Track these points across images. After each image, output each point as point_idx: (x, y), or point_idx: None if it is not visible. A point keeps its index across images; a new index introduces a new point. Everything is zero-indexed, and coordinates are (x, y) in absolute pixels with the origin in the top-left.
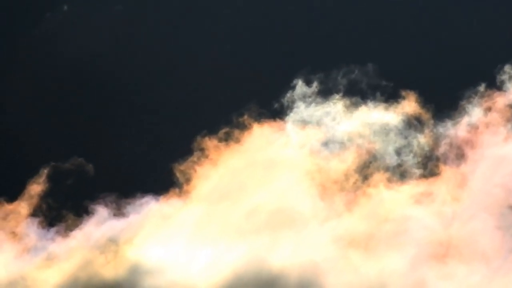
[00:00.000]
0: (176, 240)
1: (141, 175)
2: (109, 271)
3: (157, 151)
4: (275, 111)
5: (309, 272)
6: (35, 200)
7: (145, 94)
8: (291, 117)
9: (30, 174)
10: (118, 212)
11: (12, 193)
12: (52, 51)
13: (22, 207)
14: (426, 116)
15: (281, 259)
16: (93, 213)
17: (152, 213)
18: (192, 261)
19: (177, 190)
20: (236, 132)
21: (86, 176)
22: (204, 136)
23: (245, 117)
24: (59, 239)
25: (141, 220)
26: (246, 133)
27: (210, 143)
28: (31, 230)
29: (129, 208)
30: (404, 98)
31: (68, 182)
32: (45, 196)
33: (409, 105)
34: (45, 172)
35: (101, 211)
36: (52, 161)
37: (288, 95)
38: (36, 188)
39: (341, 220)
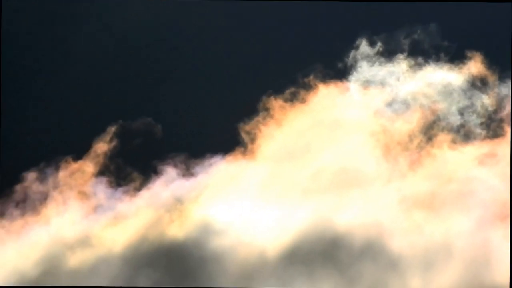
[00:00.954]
0: (241, 199)
1: (208, 135)
2: (176, 231)
3: (224, 111)
4: (339, 71)
5: (374, 232)
6: (101, 159)
7: (212, 55)
8: (355, 77)
9: (97, 132)
10: (187, 172)
11: (78, 152)
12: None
13: (89, 166)
14: (491, 77)
15: (345, 219)
16: (161, 173)
17: (218, 173)
18: (257, 220)
19: (242, 149)
20: (302, 92)
21: (154, 136)
22: (269, 96)
23: (311, 77)
24: (126, 199)
25: (208, 180)
26: (311, 93)
27: (276, 103)
28: (98, 189)
29: (197, 168)
30: (469, 58)
31: (136, 141)
32: (112, 155)
33: (474, 66)
34: (112, 130)
35: (169, 171)
36: (120, 119)
37: (352, 55)
38: (102, 147)
39: (406, 180)
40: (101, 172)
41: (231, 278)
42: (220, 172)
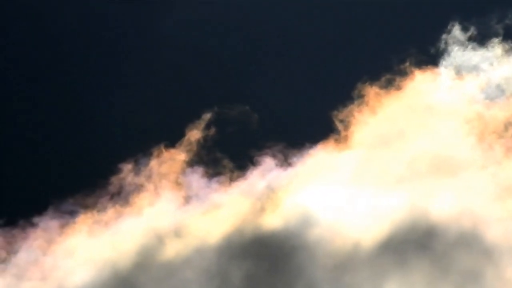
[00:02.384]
0: (335, 188)
1: (304, 123)
2: (272, 221)
3: (318, 98)
4: (432, 57)
5: (468, 221)
6: (195, 147)
7: (308, 44)
8: (449, 63)
9: (191, 119)
10: (284, 162)
11: (172, 139)
12: None
13: (183, 154)
14: None
15: (440, 207)
16: (257, 163)
17: (313, 162)
18: (351, 209)
19: (336, 137)
20: (397, 79)
21: (251, 125)
22: (364, 83)
23: (407, 63)
24: (221, 189)
25: (304, 169)
26: (407, 80)
27: (371, 90)
28: (192, 178)
29: (294, 158)
30: None
31: (232, 130)
32: (206, 144)
33: None
34: (208, 117)
35: (266, 161)
36: (216, 106)
37: (445, 40)
38: (196, 134)
39: (501, 168)
40: (195, 161)
41: (324, 269)
42: (315, 161)
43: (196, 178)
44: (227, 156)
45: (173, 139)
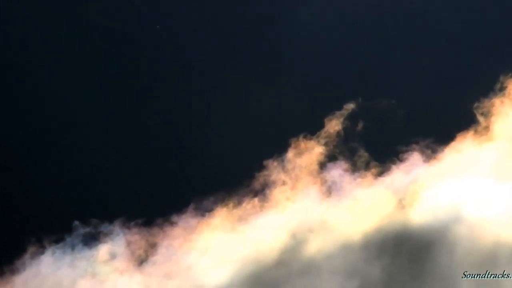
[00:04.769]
0: (477, 182)
1: (446, 117)
2: (414, 217)
3: (460, 91)
4: None
5: None
6: (335, 139)
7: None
8: None
9: (331, 110)
10: (428, 157)
11: (311, 130)
12: None
13: (322, 146)
14: None
15: None
16: (402, 158)
17: (455, 155)
18: (494, 204)
19: (477, 129)
20: None
21: (396, 119)
22: (507, 75)
23: None
24: (364, 184)
25: (447, 163)
26: None
27: None
28: (334, 172)
29: (438, 152)
30: None
31: (375, 123)
32: (347, 136)
33: None
34: (350, 108)
35: (411, 156)
36: (360, 98)
37: None
38: (336, 126)
39: None
40: (336, 154)
41: (464, 266)
42: (457, 154)
43: (338, 172)
44: (369, 150)
45: (312, 130)
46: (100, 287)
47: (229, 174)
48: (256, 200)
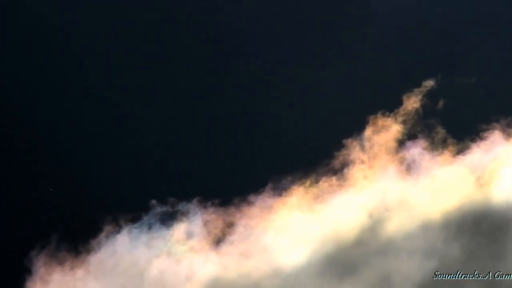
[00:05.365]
0: None
1: None
2: (493, 197)
3: None
4: None
5: None
6: (414, 117)
7: None
8: None
9: (409, 87)
10: (510, 136)
11: (389, 107)
12: None
13: (400, 124)
14: None
15: None
16: (483, 137)
17: None
18: None
19: None
20: None
21: (477, 97)
22: None
23: None
24: (443, 162)
25: None
26: None
27: None
28: (413, 151)
29: None
30: None
31: (455, 101)
32: (426, 114)
33: None
34: (429, 85)
35: (493, 135)
36: (439, 75)
37: None
38: (414, 103)
39: None
40: (414, 132)
41: None
42: None
43: (417, 151)
44: (448, 128)
45: (390, 108)
46: (176, 267)
47: (308, 153)
48: (333, 178)
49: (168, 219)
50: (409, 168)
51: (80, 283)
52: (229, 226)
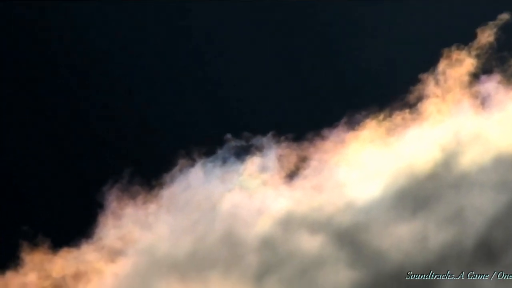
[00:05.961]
0: None
1: None
2: None
3: None
4: None
5: None
6: (488, 51)
7: None
8: None
9: (484, 20)
10: None
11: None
12: None
13: (473, 57)
14: None
15: None
16: None
17: None
18: None
19: None
20: None
21: None
22: None
23: None
24: None
25: None
26: None
27: None
28: (487, 85)
29: None
30: None
31: None
32: (501, 48)
33: None
34: (505, 18)
35: None
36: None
37: None
38: (489, 36)
39: None
40: (489, 66)
41: None
42: None
43: (491, 85)
44: None
45: (464, 41)
46: (248, 201)
47: (383, 88)
48: (407, 112)
49: (242, 153)
50: (483, 102)
51: (153, 217)
52: (303, 160)
